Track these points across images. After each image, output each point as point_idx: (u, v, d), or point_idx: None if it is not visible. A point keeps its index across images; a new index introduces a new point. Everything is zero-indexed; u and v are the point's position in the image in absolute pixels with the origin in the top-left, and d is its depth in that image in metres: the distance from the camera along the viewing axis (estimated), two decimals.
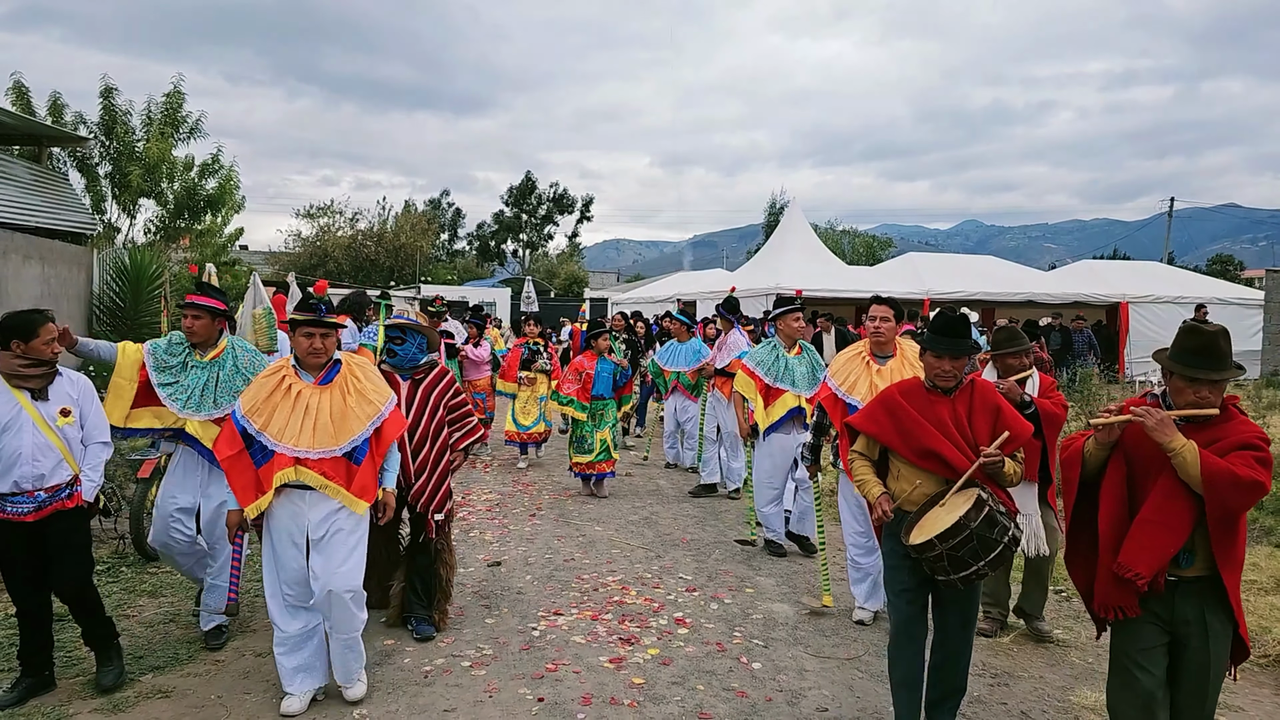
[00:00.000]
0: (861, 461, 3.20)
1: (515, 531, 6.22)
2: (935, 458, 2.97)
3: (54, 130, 10.80)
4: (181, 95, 13.45)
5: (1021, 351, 4.10)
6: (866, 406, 3.34)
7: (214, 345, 3.93)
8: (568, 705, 3.49)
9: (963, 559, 2.77)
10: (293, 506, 3.28)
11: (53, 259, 9.31)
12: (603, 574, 5.27)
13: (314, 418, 3.26)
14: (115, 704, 3.40)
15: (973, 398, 3.06)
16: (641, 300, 22.40)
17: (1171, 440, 2.45)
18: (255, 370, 3.88)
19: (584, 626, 4.36)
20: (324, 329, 3.36)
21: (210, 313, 3.90)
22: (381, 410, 3.40)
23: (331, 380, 3.38)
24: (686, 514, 6.91)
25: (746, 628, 4.40)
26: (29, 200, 9.19)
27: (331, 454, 3.24)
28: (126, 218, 13.58)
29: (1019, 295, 16.91)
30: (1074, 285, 17.90)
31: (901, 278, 17.09)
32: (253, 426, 3.25)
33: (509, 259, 50.70)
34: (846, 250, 38.04)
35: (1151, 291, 17.45)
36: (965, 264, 20.07)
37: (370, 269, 34.25)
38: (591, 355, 7.24)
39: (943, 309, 3.21)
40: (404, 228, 35.88)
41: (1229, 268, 44.75)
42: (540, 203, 50.93)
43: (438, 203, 49.62)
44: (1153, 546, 2.47)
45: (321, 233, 35.41)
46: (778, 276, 16.91)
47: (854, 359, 4.36)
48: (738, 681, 3.75)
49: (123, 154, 12.68)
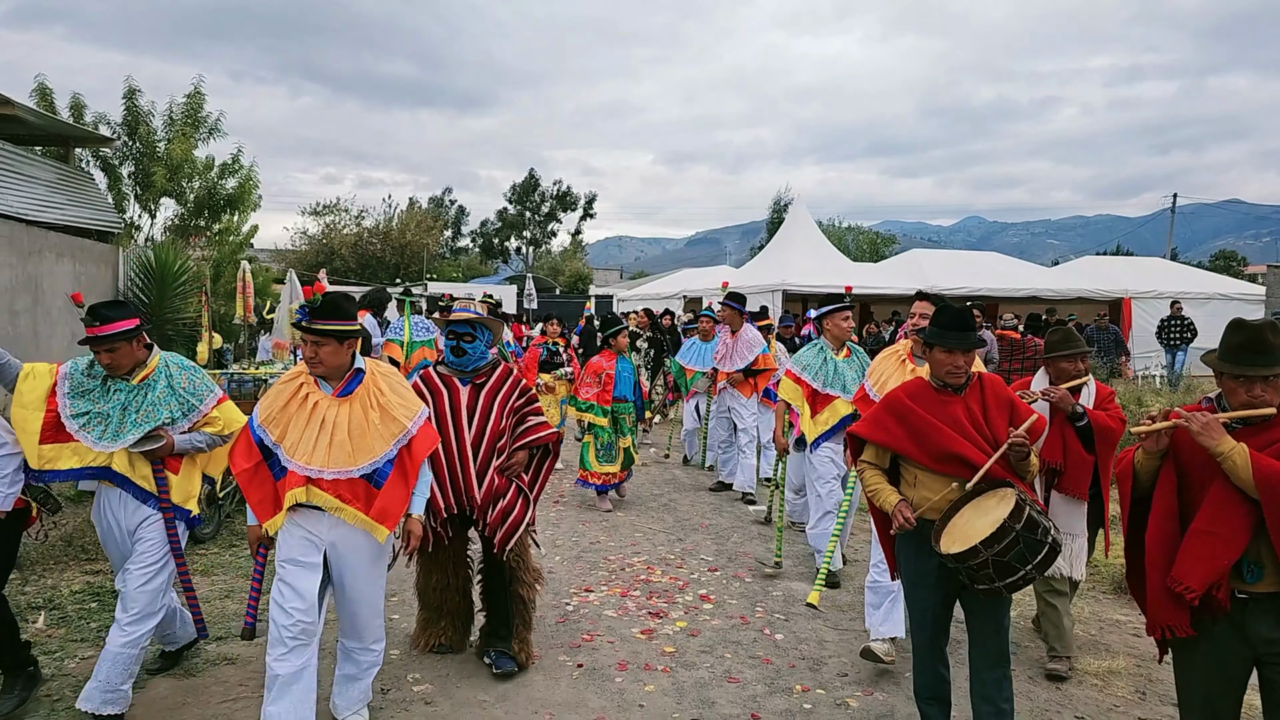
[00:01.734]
0: (872, 471, 2.98)
1: (541, 517, 6.47)
2: (956, 460, 2.75)
3: (81, 131, 11.05)
4: (202, 96, 13.75)
5: (1077, 355, 3.71)
6: (871, 413, 3.10)
7: (143, 365, 3.30)
8: (605, 671, 3.74)
9: (1009, 564, 2.57)
10: (307, 525, 2.93)
11: (82, 257, 9.57)
12: (628, 555, 5.52)
13: (330, 434, 2.91)
14: (187, 670, 3.66)
15: (984, 393, 2.89)
16: (647, 297, 22.63)
17: (1219, 443, 2.29)
18: (196, 390, 3.33)
19: (614, 602, 4.61)
20: (315, 336, 2.93)
21: (124, 338, 3.19)
22: (408, 428, 3.01)
23: (352, 392, 3.00)
24: (704, 501, 7.16)
25: (768, 603, 4.66)
26: (58, 199, 9.44)
27: (348, 475, 2.90)
28: (147, 216, 13.87)
29: (1022, 291, 17.13)
30: (1077, 281, 18.13)
31: (905, 274, 17.32)
32: (269, 438, 2.95)
33: (512, 256, 50.93)
34: (850, 247, 38.24)
35: (1154, 287, 17.67)
36: (968, 260, 20.31)
37: (376, 266, 34.52)
38: (610, 354, 6.66)
39: (945, 302, 3.11)
40: (409, 225, 36.14)
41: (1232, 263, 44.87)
42: (543, 200, 51.16)
43: (440, 200, 49.88)
44: (1206, 558, 2.30)
45: (328, 230, 35.70)
46: (783, 273, 17.15)
47: (889, 358, 4.06)
48: (762, 650, 4.00)
49: (144, 154, 12.96)
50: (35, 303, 8.26)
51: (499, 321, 3.85)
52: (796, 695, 3.55)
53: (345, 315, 2.99)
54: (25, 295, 8.03)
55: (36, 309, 8.27)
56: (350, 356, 3.04)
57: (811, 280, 16.42)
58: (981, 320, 9.37)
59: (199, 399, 3.35)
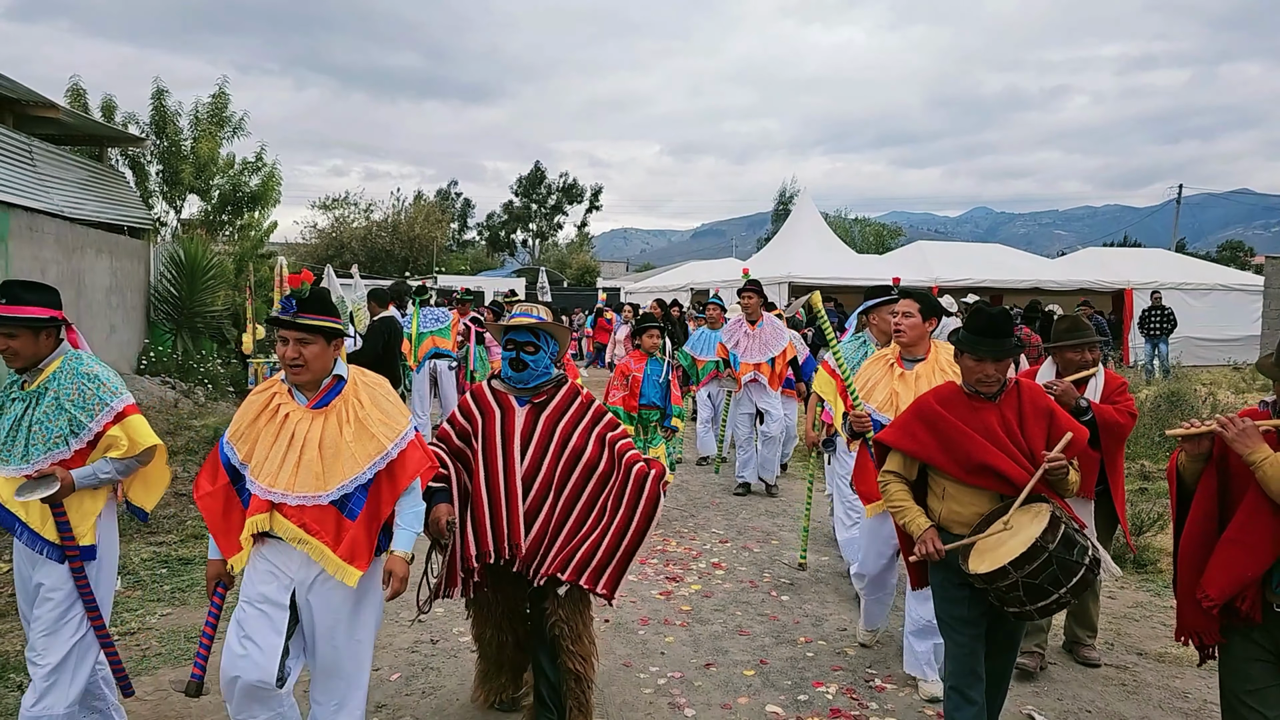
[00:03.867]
0: (897, 484, 2.78)
1: None
2: (989, 472, 2.60)
3: (114, 131, 11.49)
4: (226, 96, 14.22)
5: (1084, 345, 3.57)
6: (900, 419, 2.89)
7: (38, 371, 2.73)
8: (629, 624, 4.17)
9: (1041, 586, 2.41)
10: (274, 560, 2.50)
11: (118, 253, 10.02)
12: None
13: (299, 452, 2.48)
14: None
15: (1021, 401, 2.70)
16: (656, 289, 22.98)
17: (1253, 452, 2.22)
18: (85, 404, 2.68)
19: (634, 568, 5.02)
20: (301, 333, 2.48)
21: (30, 325, 2.67)
22: (387, 449, 2.53)
23: (329, 404, 2.55)
24: (714, 482, 7.58)
25: (774, 570, 5.08)
26: (94, 198, 9.88)
27: (314, 501, 2.46)
28: (173, 213, 14.36)
29: (1026, 283, 17.43)
30: (1080, 273, 18.41)
31: (910, 266, 17.64)
32: (236, 456, 2.55)
33: (519, 249, 51.30)
34: (856, 239, 38.47)
35: (1155, 278, 17.94)
36: (973, 252, 20.60)
37: (385, 260, 34.96)
38: (640, 355, 5.97)
39: (981, 305, 2.94)
40: (418, 218, 36.56)
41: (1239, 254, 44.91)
42: (550, 193, 51.51)
43: (446, 193, 50.27)
44: (1230, 568, 2.25)
45: (337, 224, 36.16)
46: (790, 265, 17.50)
47: (878, 361, 3.83)
48: (770, 609, 4.42)
49: (171, 152, 13.44)
50: (79, 296, 8.72)
51: (565, 329, 3.09)
52: (800, 645, 3.97)
53: (335, 311, 2.59)
54: (70, 289, 8.47)
55: (80, 302, 8.73)
56: (333, 362, 2.58)
57: (818, 272, 16.79)
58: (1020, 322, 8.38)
59: (89, 414, 2.67)
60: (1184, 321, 16.50)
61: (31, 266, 7.67)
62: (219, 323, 11.93)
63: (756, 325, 6.86)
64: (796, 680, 3.61)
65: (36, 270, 7.75)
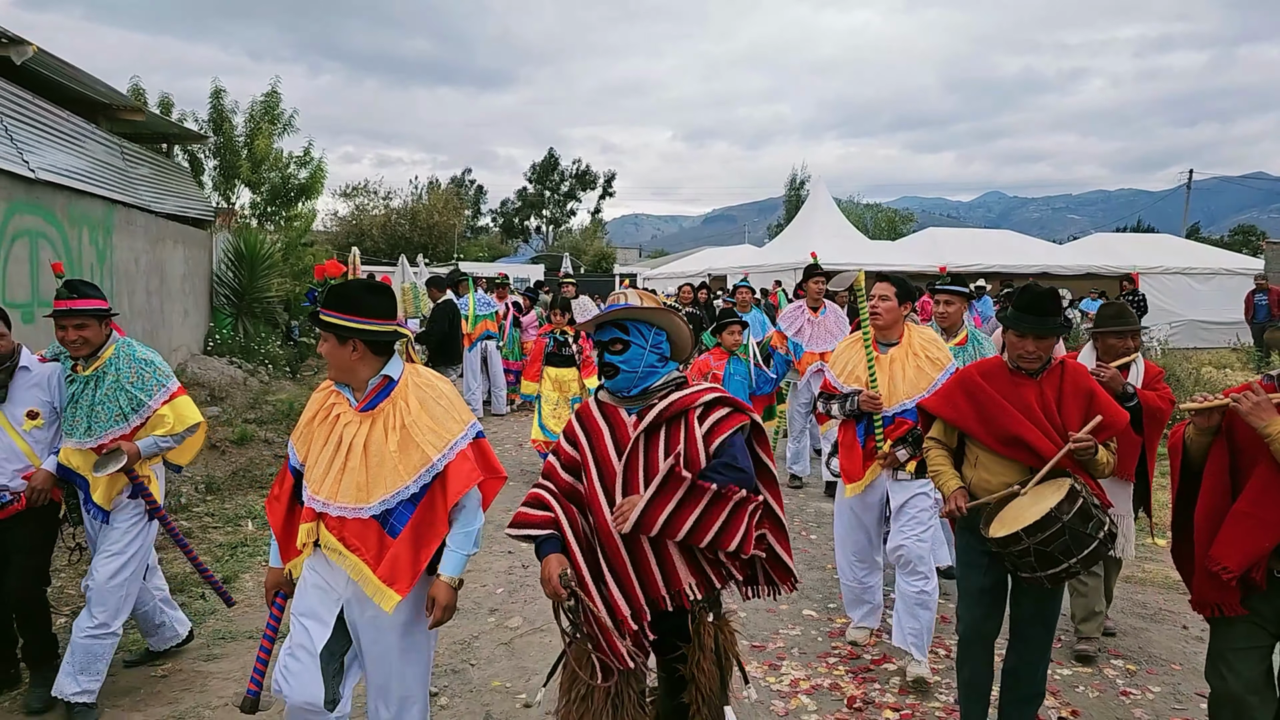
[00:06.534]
0: (938, 450, 2.93)
1: None
2: (1020, 444, 2.68)
3: (180, 129, 12.34)
4: (278, 95, 15.09)
5: (1128, 332, 3.62)
6: (943, 387, 3.08)
7: (96, 356, 3.12)
8: None
9: (1052, 555, 2.50)
10: (322, 572, 2.39)
11: (188, 242, 10.87)
12: None
13: (344, 459, 2.33)
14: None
15: (1062, 381, 2.77)
16: (674, 275, 23.68)
17: (1268, 424, 2.25)
18: (144, 385, 3.11)
19: None
20: (329, 330, 2.33)
21: (97, 316, 3.07)
22: (433, 460, 2.31)
23: (376, 406, 2.36)
24: None
25: (802, 518, 5.91)
26: (168, 192, 10.73)
27: (355, 514, 2.30)
28: (225, 204, 15.26)
29: (1034, 268, 18.02)
30: (1087, 258, 19.01)
31: (921, 251, 18.30)
32: (295, 457, 2.46)
33: (533, 236, 51.96)
34: (869, 225, 38.95)
35: (1161, 263, 18.51)
36: (983, 238, 21.22)
37: (405, 247, 35.81)
38: (721, 353, 5.43)
39: (1029, 284, 3.02)
40: (435, 205, 37.29)
41: (1251, 238, 44.99)
42: (563, 179, 52.08)
43: (460, 180, 50.90)
44: (1244, 540, 2.29)
45: (357, 212, 37.00)
46: (804, 252, 18.16)
47: (855, 344, 3.78)
48: (800, 545, 5.25)
49: (226, 147, 14.32)
50: (161, 284, 9.58)
51: (669, 313, 2.41)
52: (828, 570, 4.79)
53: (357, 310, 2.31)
54: (155, 277, 9.33)
55: (162, 289, 9.59)
56: (368, 364, 2.35)
57: (832, 258, 17.47)
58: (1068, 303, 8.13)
59: (148, 393, 3.11)
60: (1189, 305, 17.08)
61: (128, 257, 8.52)
62: (273, 308, 12.83)
63: (819, 312, 6.42)
64: (826, 594, 4.45)
65: (131, 260, 8.61)
